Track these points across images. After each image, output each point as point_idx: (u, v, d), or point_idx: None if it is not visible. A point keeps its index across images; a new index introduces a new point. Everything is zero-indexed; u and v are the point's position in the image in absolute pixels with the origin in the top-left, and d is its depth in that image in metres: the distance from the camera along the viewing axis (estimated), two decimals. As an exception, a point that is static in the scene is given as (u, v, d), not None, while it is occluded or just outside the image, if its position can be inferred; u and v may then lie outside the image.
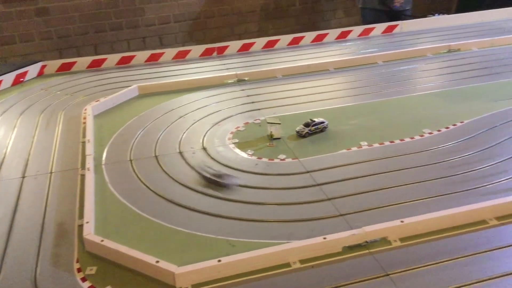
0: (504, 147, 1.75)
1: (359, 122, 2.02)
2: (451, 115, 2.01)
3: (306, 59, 2.72)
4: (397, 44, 2.92)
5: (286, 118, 2.05)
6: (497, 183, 1.55)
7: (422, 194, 1.53)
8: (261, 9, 4.75)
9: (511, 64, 2.50)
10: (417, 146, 1.81)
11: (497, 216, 1.38)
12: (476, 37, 2.89)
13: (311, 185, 1.61)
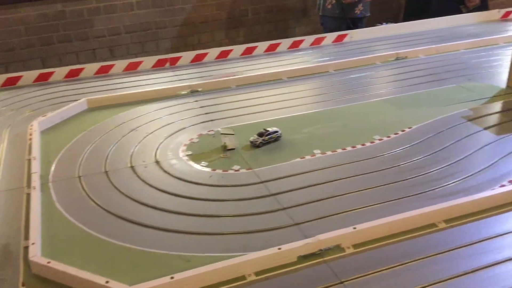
0: (450, 151, 1.81)
1: (312, 130, 2.04)
2: (400, 121, 2.06)
3: (259, 69, 2.73)
4: (348, 52, 2.98)
5: (240, 128, 2.05)
6: (445, 186, 1.60)
7: (374, 199, 1.55)
8: (214, 20, 4.75)
9: (455, 70, 2.60)
10: (368, 152, 1.84)
11: (446, 219, 1.43)
12: (422, 45, 2.99)
13: (265, 195, 1.60)
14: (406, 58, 2.81)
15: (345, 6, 3.81)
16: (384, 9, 5.19)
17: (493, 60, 2.74)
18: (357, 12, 3.89)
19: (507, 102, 2.19)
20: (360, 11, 3.90)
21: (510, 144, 1.83)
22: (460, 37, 3.11)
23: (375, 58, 2.80)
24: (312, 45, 3.15)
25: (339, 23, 3.80)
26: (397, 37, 3.22)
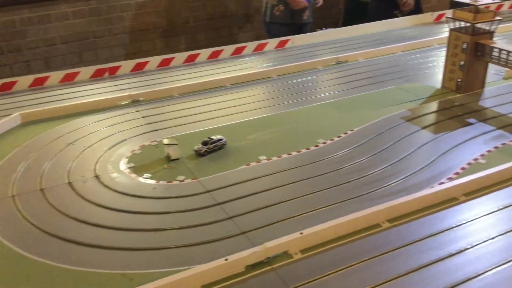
0: (391, 151, 1.86)
1: (257, 136, 2.03)
2: (343, 124, 2.09)
3: (202, 76, 2.70)
4: (290, 57, 3.01)
5: (184, 137, 2.00)
6: (387, 186, 1.63)
7: (320, 203, 1.56)
8: (155, 27, 4.67)
9: (393, 72, 2.68)
10: (313, 156, 1.85)
11: (389, 219, 1.45)
12: (361, 49, 3.06)
13: (211, 205, 1.57)
14: (346, 61, 2.87)
15: (295, 12, 3.86)
16: (325, 15, 5.31)
17: (429, 61, 2.85)
18: (305, 17, 3.95)
19: (442, 101, 2.28)
20: (307, 16, 3.96)
21: (446, 142, 1.90)
22: (396, 40, 3.22)
23: (317, 63, 2.84)
24: (254, 51, 3.15)
25: (287, 30, 3.83)
26: (337, 42, 3.29)
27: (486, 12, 2.21)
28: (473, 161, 1.75)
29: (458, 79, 2.32)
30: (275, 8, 3.90)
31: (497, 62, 2.18)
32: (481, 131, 1.97)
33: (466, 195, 1.55)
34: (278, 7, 3.88)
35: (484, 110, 2.16)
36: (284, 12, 3.88)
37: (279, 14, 3.90)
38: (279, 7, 3.87)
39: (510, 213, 1.46)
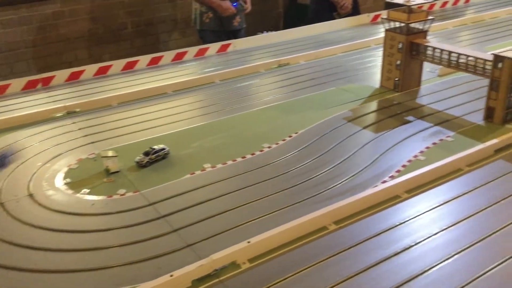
0: (335, 152, 1.87)
1: (201, 144, 1.99)
2: (287, 127, 2.09)
3: (142, 84, 2.62)
4: (232, 62, 2.98)
5: (124, 148, 1.93)
6: (332, 188, 1.64)
7: (267, 209, 1.54)
8: (90, 34, 4.50)
9: (333, 73, 2.71)
10: (258, 161, 1.83)
11: (335, 221, 1.45)
12: (302, 51, 3.09)
13: (155, 218, 1.51)
14: (288, 64, 2.88)
15: (224, 18, 3.82)
16: (265, 18, 5.33)
17: (367, 61, 2.91)
18: (235, 23, 3.91)
19: (381, 100, 2.33)
20: (238, 22, 3.92)
21: (387, 141, 1.93)
22: (336, 41, 3.27)
23: (259, 66, 2.83)
24: (196, 56, 3.10)
25: (219, 36, 3.78)
26: (278, 45, 3.30)
27: (419, 12, 2.28)
28: (413, 158, 1.79)
29: (396, 78, 2.38)
30: (204, 16, 3.85)
31: (431, 60, 2.26)
32: (419, 128, 2.02)
33: (408, 192, 1.58)
34: (207, 14, 3.83)
35: (422, 108, 2.23)
36: (213, 19, 3.83)
37: (208, 21, 3.85)
38: (208, 14, 3.83)
39: (450, 208, 1.51)
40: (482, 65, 2.02)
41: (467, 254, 1.31)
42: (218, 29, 3.86)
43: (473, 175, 1.67)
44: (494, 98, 1.98)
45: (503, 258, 1.29)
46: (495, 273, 1.24)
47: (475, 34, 3.32)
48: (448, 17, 3.74)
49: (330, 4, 4.21)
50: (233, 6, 3.80)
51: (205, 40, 3.85)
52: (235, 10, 3.81)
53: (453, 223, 1.43)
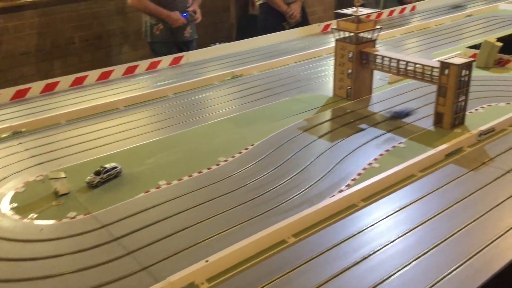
0: (291, 163, 1.87)
1: (155, 160, 1.94)
2: (243, 139, 2.07)
3: (92, 100, 2.54)
4: (185, 74, 2.94)
5: (74, 169, 1.85)
6: (290, 200, 1.63)
7: (226, 224, 1.51)
8: (37, 50, 4.34)
9: (287, 84, 2.73)
10: (215, 176, 1.80)
11: (294, 233, 1.44)
12: (255, 62, 3.09)
13: (108, 241, 1.45)
14: (241, 76, 2.87)
15: (174, 30, 3.78)
16: (218, 29, 5.32)
17: (320, 71, 2.94)
18: (187, 34, 3.87)
19: (335, 109, 2.36)
20: (189, 33, 3.89)
21: (342, 149, 1.95)
22: (288, 52, 3.29)
23: (213, 78, 2.80)
24: (147, 69, 3.05)
25: (170, 48, 3.74)
26: (231, 56, 3.29)
27: (367, 22, 2.33)
28: (368, 166, 1.81)
29: (348, 87, 2.42)
30: (154, 28, 3.80)
31: (381, 69, 2.31)
32: (372, 135, 2.05)
33: (364, 201, 1.59)
34: (158, 26, 3.78)
35: (374, 115, 2.27)
36: (164, 31, 3.79)
37: (159, 33, 3.80)
38: (158, 26, 3.78)
39: (406, 214, 1.53)
40: (429, 72, 2.08)
41: (425, 259, 1.33)
42: (169, 41, 3.81)
43: (426, 181, 1.70)
44: (442, 104, 2.04)
45: (459, 261, 1.31)
46: (453, 277, 1.26)
47: (422, 41, 3.43)
48: (396, 25, 3.86)
49: (279, 14, 4.25)
50: (183, 17, 3.77)
51: (156, 52, 3.79)
52: (185, 21, 3.78)
53: (409, 229, 1.45)
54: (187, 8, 3.81)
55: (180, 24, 3.76)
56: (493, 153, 1.85)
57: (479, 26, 3.71)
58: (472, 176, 1.72)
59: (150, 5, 3.73)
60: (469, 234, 1.43)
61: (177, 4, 3.76)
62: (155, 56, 3.72)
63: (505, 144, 1.91)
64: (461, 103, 2.03)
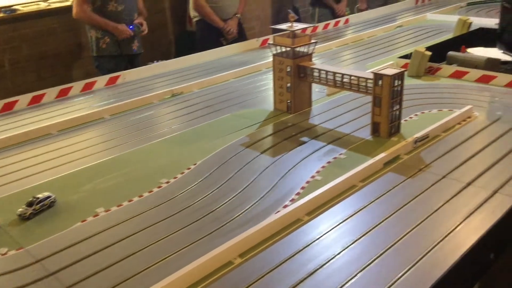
0: (235, 181, 1.84)
1: (92, 186, 1.85)
2: (184, 159, 2.02)
3: (23, 126, 2.41)
4: (123, 94, 2.86)
5: (4, 201, 1.74)
6: (235, 218, 1.60)
7: (170, 249, 1.45)
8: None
9: (228, 100, 2.71)
10: (157, 199, 1.74)
11: (240, 253, 1.41)
12: (195, 79, 3.06)
13: (43, 277, 1.36)
14: (181, 93, 2.83)
15: (122, 42, 3.71)
16: (155, 47, 5.25)
17: (260, 85, 2.95)
18: (134, 47, 3.83)
19: (276, 123, 2.36)
20: (136, 46, 3.85)
21: (285, 164, 1.95)
22: (228, 67, 3.29)
23: (152, 97, 2.74)
24: (83, 91, 2.94)
25: (117, 62, 3.67)
26: (170, 74, 3.24)
27: (303, 37, 2.36)
28: (311, 179, 1.82)
29: (288, 101, 2.44)
30: (100, 41, 3.71)
31: (318, 82, 2.34)
32: (314, 148, 2.07)
33: (309, 215, 1.59)
34: (104, 40, 3.70)
35: (315, 128, 2.29)
36: (111, 44, 3.71)
37: (105, 47, 3.72)
38: (104, 39, 3.70)
39: (349, 226, 1.54)
40: (364, 83, 2.13)
41: (370, 269, 1.34)
42: (116, 54, 3.73)
43: (367, 190, 1.73)
44: (378, 113, 2.09)
45: (405, 268, 1.33)
46: (399, 285, 1.27)
47: (357, 53, 3.54)
48: (331, 38, 3.96)
49: (217, 30, 4.26)
50: (130, 29, 3.70)
51: (103, 67, 3.70)
52: (132, 33, 3.72)
53: (354, 240, 1.46)
54: (133, 20, 3.76)
55: (127, 36, 3.70)
56: (428, 159, 1.92)
57: (409, 36, 3.88)
58: (410, 183, 1.77)
59: (95, 17, 3.64)
60: (412, 240, 1.46)
61: (123, 16, 3.70)
62: (100, 72, 3.62)
63: (439, 150, 1.99)
64: (395, 112, 2.10)
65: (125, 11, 3.72)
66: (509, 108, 2.37)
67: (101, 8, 3.67)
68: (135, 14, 3.81)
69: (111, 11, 3.67)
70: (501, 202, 1.61)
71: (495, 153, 1.95)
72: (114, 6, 3.67)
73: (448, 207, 1.61)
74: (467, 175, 1.78)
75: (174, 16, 5.44)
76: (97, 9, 3.68)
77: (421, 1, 5.26)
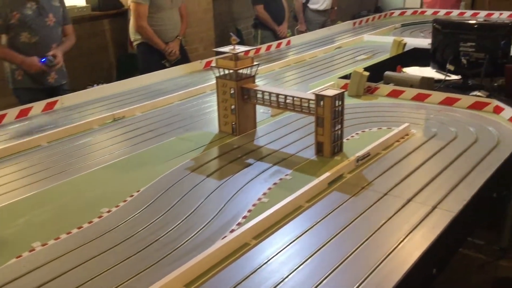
0: (180, 207, 1.80)
1: (28, 218, 1.75)
2: (127, 186, 1.96)
3: (-50, 157, 2.25)
4: (61, 120, 2.76)
5: None
6: (180, 247, 1.56)
7: (114, 282, 1.39)
8: None
9: (172, 123, 2.67)
10: (98, 229, 1.67)
11: (186, 284, 1.37)
12: (138, 102, 3.00)
13: (-28, 322, 1.25)
14: (123, 117, 2.76)
15: (35, 75, 3.52)
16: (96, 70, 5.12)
17: (205, 107, 2.93)
18: (51, 80, 3.60)
19: (222, 146, 2.35)
20: (54, 79, 3.62)
21: (231, 187, 1.93)
22: (171, 90, 3.25)
23: (92, 123, 2.65)
24: (17, 118, 2.80)
25: (35, 94, 3.43)
26: (111, 98, 3.16)
27: (245, 59, 2.38)
28: (258, 202, 1.81)
29: (233, 123, 2.43)
30: (16, 73, 3.51)
31: (262, 103, 2.36)
32: (260, 170, 2.07)
33: (256, 238, 1.58)
34: (19, 71, 3.51)
35: (260, 149, 2.30)
36: (26, 76, 3.52)
37: (21, 78, 3.52)
38: (19, 71, 3.51)
39: (297, 248, 1.54)
40: (307, 104, 2.16)
41: (318, 292, 1.34)
42: (32, 87, 3.54)
43: (312, 211, 1.74)
44: (321, 133, 2.13)
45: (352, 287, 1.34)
46: (344, 306, 1.28)
47: (299, 73, 3.61)
48: (274, 59, 4.02)
49: (159, 53, 4.22)
50: (41, 62, 3.47)
51: (21, 99, 3.50)
52: (43, 66, 3.49)
53: (301, 262, 1.46)
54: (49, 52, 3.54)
55: (38, 70, 3.48)
56: (370, 177, 1.96)
57: (348, 57, 4.02)
58: (354, 201, 1.80)
59: (3, 50, 3.44)
60: (357, 259, 1.47)
61: (37, 48, 3.48)
62: (20, 103, 3.42)
63: (380, 168, 2.04)
64: (338, 132, 2.14)
65: (40, 42, 3.46)
66: (444, 125, 2.49)
67: (13, 39, 3.43)
68: (54, 45, 3.58)
69: (24, 42, 3.42)
70: (441, 217, 1.67)
71: (432, 169, 2.03)
72: (27, 37, 3.43)
73: (391, 224, 1.64)
74: (408, 192, 1.84)
75: (114, 39, 5.34)
76: (10, 40, 3.45)
77: (358, 23, 5.47)
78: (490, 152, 2.15)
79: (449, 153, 2.16)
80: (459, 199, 1.77)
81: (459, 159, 2.11)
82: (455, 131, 2.39)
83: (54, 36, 3.59)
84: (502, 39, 2.99)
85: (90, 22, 4.98)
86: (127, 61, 5.12)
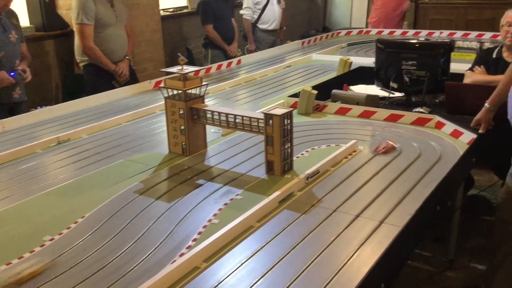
0: (129, 231, 1.75)
1: (-37, 251, 1.64)
2: (71, 212, 1.89)
3: None
4: (2, 144, 2.63)
5: None
6: (129, 273, 1.51)
7: (54, 316, 1.32)
8: None
9: (120, 144, 2.61)
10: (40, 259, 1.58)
11: (134, 312, 1.32)
12: (84, 124, 2.91)
13: None
14: (69, 140, 2.67)
15: (2, 90, 3.43)
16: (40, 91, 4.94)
17: (154, 128, 2.89)
18: (16, 95, 3.55)
19: (172, 167, 2.31)
20: (18, 94, 3.58)
21: (181, 209, 1.90)
22: (120, 110, 3.19)
23: (35, 146, 2.54)
24: (-47, 143, 2.65)
25: None
26: (56, 120, 3.06)
27: (194, 79, 2.37)
28: (208, 223, 1.78)
29: (183, 143, 2.41)
30: None
31: (212, 123, 2.35)
32: (210, 190, 2.05)
33: (206, 261, 1.55)
34: None
35: (211, 169, 2.28)
36: None
37: None
38: None
39: (248, 268, 1.52)
40: (256, 123, 2.18)
41: (269, 313, 1.32)
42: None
43: (263, 230, 1.74)
44: (271, 152, 2.14)
45: (300, 308, 1.34)
46: (296, 326, 1.27)
47: (250, 92, 3.64)
48: (225, 79, 4.03)
49: (107, 73, 4.14)
50: (11, 76, 3.44)
51: None
52: (13, 80, 3.46)
53: (252, 283, 1.45)
54: (15, 67, 3.50)
55: (8, 84, 3.43)
56: (320, 194, 1.99)
57: (298, 75, 4.09)
58: (304, 219, 1.81)
59: None
60: (309, 276, 1.48)
61: (3, 63, 3.42)
62: None
63: (329, 185, 2.07)
64: (287, 150, 2.16)
65: (5, 57, 3.44)
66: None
67: None
68: (17, 61, 3.56)
69: None
70: (387, 231, 1.70)
71: (379, 184, 2.08)
72: None
73: (340, 240, 1.66)
74: (356, 207, 1.87)
75: (59, 59, 5.19)
76: None
77: (307, 42, 5.60)
78: (433, 166, 2.24)
79: (394, 168, 2.23)
80: (404, 213, 1.82)
81: (404, 173, 2.17)
82: (399, 146, 2.47)
83: (17, 52, 3.60)
84: (441, 57, 3.14)
85: (34, 42, 4.83)
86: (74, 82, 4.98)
